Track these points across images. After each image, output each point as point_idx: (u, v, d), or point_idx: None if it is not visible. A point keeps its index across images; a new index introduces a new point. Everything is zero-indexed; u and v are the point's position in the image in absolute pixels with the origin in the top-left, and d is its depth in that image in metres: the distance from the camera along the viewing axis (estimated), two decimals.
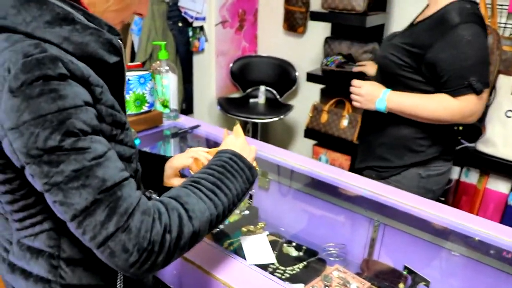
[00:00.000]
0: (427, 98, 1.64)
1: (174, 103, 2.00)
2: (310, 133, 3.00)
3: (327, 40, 2.98)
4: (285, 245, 1.46)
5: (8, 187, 0.80)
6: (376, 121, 1.83)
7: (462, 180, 2.50)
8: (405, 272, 1.30)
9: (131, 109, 1.84)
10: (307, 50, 3.41)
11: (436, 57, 1.59)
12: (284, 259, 1.39)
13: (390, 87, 1.70)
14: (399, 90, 1.69)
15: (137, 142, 1.73)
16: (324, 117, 2.90)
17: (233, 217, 1.60)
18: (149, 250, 0.75)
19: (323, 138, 2.96)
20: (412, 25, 1.80)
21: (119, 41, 0.85)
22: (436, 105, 1.62)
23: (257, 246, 1.31)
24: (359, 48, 2.79)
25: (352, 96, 1.79)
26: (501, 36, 2.42)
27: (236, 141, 1.09)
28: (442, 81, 1.59)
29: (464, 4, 1.59)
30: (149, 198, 1.08)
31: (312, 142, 3.11)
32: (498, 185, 2.38)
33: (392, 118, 1.74)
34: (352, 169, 2.80)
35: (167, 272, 1.21)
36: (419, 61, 1.63)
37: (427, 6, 1.75)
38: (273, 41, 3.68)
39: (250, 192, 1.05)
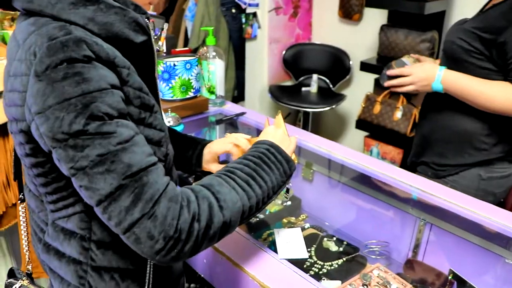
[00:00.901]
0: (488, 84, 1.52)
1: (220, 90, 1.98)
2: (362, 124, 2.91)
3: (382, 28, 2.87)
4: (325, 239, 1.41)
5: (40, 170, 0.80)
6: (435, 113, 1.72)
7: None
8: (450, 277, 1.21)
9: (176, 95, 1.83)
10: (362, 38, 3.31)
11: (508, 42, 1.47)
12: (323, 254, 1.34)
13: None
14: None
15: (180, 128, 1.72)
16: (377, 108, 2.80)
17: (274, 208, 1.57)
18: (175, 238, 0.72)
19: (375, 129, 2.86)
20: (483, 10, 1.68)
21: (146, 19, 0.82)
22: (496, 92, 1.50)
23: (291, 240, 1.27)
24: (417, 36, 2.67)
25: (404, 86, 1.70)
26: None
27: (276, 131, 1.05)
28: (510, 68, 1.48)
29: None
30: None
31: (364, 133, 3.02)
32: None
33: (454, 110, 1.63)
34: (404, 163, 2.71)
35: (197, 260, 1.20)
36: (491, 46, 1.51)
37: None
38: (327, 28, 3.60)
39: (287, 186, 1.01)
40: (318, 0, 3.63)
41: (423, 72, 1.63)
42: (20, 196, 1.03)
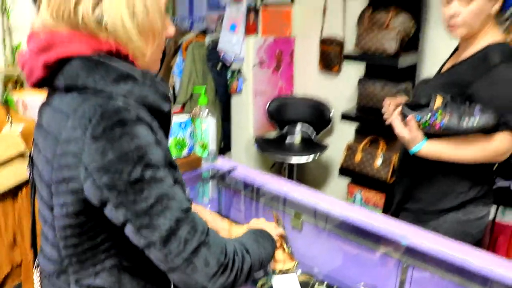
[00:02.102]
0: (462, 146, 1.67)
1: (213, 146, 2.11)
2: (344, 171, 3.06)
3: (360, 81, 3.06)
4: (316, 284, 1.51)
5: (78, 230, 0.91)
6: (414, 163, 1.84)
7: (498, 220, 2.48)
8: None
9: (172, 153, 1.95)
10: (342, 89, 3.49)
11: (476, 94, 1.63)
12: None
13: None
14: None
15: None
16: (358, 157, 2.96)
17: None
18: (225, 265, 0.86)
19: (357, 176, 3.01)
20: (443, 68, 1.86)
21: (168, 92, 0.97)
22: (471, 150, 1.66)
23: (287, 286, 1.37)
24: (393, 87, 2.85)
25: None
26: None
27: (260, 220, 1.32)
28: None
29: (505, 46, 1.66)
30: None
31: (347, 180, 3.16)
32: None
33: (431, 161, 1.76)
34: (387, 207, 2.84)
35: None
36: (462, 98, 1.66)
37: (457, 49, 1.81)
38: (309, 80, 3.78)
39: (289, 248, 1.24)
40: (300, 53, 3.82)
41: (411, 137, 1.72)
42: (36, 262, 1.11)
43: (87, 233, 0.91)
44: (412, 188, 1.88)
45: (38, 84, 0.92)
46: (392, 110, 1.81)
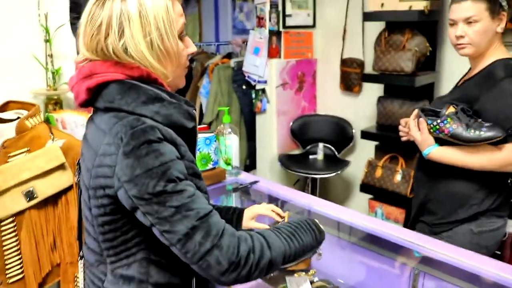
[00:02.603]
0: (471, 153, 1.75)
1: (236, 161, 2.24)
2: (365, 187, 3.15)
3: (379, 99, 3.16)
4: None
5: (113, 226, 1.06)
6: (427, 176, 1.94)
7: None
8: None
9: (198, 167, 2.09)
10: (363, 108, 3.60)
11: (482, 108, 1.74)
12: None
13: None
14: None
15: None
16: (379, 172, 3.05)
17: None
18: (236, 263, 0.98)
19: (378, 192, 3.09)
20: (457, 85, 1.97)
21: (194, 110, 1.12)
22: (480, 158, 1.74)
23: (299, 285, 1.48)
24: (410, 106, 2.95)
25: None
26: None
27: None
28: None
29: (509, 61, 1.77)
30: None
31: (368, 196, 3.24)
32: None
33: (443, 173, 1.85)
34: (407, 221, 2.91)
35: None
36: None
37: (470, 69, 1.92)
38: (331, 100, 3.91)
39: (319, 251, 1.32)
40: (321, 75, 3.96)
41: (422, 140, 1.86)
42: (80, 253, 1.27)
43: (120, 229, 1.06)
44: (427, 200, 1.96)
45: (83, 105, 1.09)
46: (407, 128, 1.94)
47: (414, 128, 1.88)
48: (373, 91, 3.45)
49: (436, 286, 1.63)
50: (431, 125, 1.80)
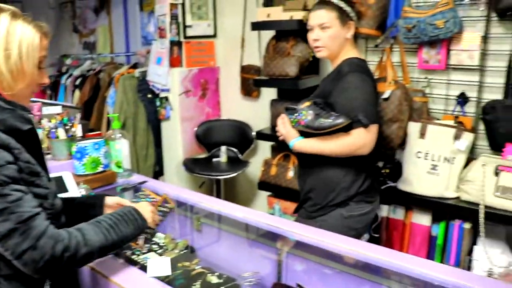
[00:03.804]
0: (327, 141, 1.98)
1: (127, 164, 2.38)
2: (263, 185, 3.36)
3: (272, 102, 3.40)
4: (209, 275, 1.77)
5: None
6: (303, 167, 2.17)
7: (391, 217, 2.82)
8: None
9: (88, 170, 2.22)
10: (261, 112, 3.83)
11: (334, 100, 2.00)
12: (206, 286, 1.70)
13: None
14: None
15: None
16: (274, 170, 3.27)
17: (171, 255, 1.92)
18: (50, 261, 1.14)
19: (274, 189, 3.31)
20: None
21: (29, 115, 1.26)
22: (334, 143, 1.97)
23: (159, 264, 1.64)
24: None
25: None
26: (413, 89, 2.83)
27: (142, 203, 1.62)
28: None
29: (353, 60, 2.05)
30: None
31: (267, 193, 3.46)
32: (421, 219, 2.71)
33: (314, 162, 2.08)
34: None
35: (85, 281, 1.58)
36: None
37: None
38: (233, 105, 4.12)
39: (144, 236, 1.63)
40: (224, 81, 4.17)
41: (286, 133, 2.11)
42: None
43: None
44: (307, 190, 2.18)
45: None
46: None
47: (281, 125, 2.12)
48: (269, 95, 3.69)
49: (299, 264, 1.84)
50: (291, 119, 2.05)
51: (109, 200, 1.64)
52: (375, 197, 2.17)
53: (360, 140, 1.94)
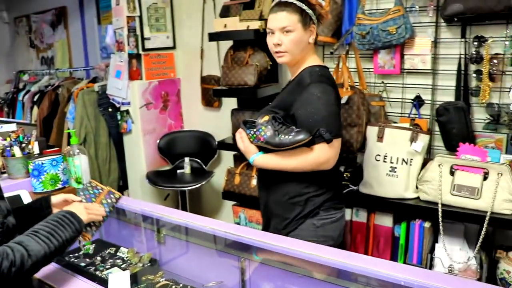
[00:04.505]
0: (289, 157, 1.89)
1: (86, 179, 2.34)
2: (227, 194, 3.36)
3: (233, 112, 3.41)
4: (173, 286, 1.77)
5: None
6: (264, 182, 2.09)
7: (354, 220, 2.87)
8: None
9: (46, 187, 2.18)
10: (223, 121, 3.83)
11: (296, 113, 1.90)
12: None
13: None
14: None
15: None
16: (237, 179, 3.28)
17: (136, 269, 1.91)
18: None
19: (239, 198, 3.32)
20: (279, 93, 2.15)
21: None
22: (296, 160, 1.89)
23: (119, 279, 1.63)
24: (258, 116, 3.22)
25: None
26: (370, 94, 2.90)
27: (75, 204, 1.64)
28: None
29: (314, 68, 1.95)
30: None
31: (232, 202, 3.46)
32: (383, 220, 2.76)
33: (276, 177, 1.99)
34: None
35: None
36: (288, 119, 1.92)
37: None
38: (195, 116, 4.12)
39: (91, 230, 1.67)
40: (185, 93, 4.16)
41: (245, 149, 2.02)
42: None
43: None
44: (270, 204, 2.08)
45: None
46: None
47: (239, 140, 2.04)
48: (230, 105, 3.70)
49: (264, 272, 1.85)
50: (250, 135, 1.96)
51: (55, 199, 1.69)
52: (342, 203, 2.10)
53: (323, 155, 1.87)
